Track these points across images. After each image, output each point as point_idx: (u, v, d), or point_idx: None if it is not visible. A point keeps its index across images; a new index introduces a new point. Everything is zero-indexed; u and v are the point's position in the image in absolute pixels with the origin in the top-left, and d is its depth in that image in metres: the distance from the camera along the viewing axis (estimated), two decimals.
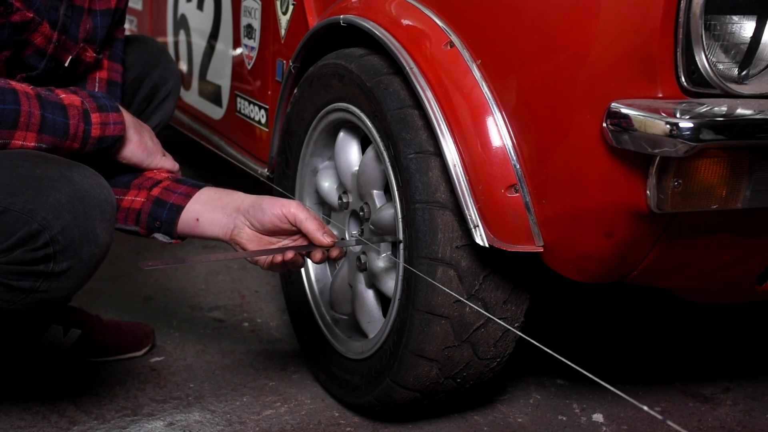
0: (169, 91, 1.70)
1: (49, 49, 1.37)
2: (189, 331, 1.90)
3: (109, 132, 1.36)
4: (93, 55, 1.47)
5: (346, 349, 1.58)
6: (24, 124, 1.26)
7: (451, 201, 1.34)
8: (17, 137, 1.26)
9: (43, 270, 1.21)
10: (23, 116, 1.25)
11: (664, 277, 1.35)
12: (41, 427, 1.49)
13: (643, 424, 1.60)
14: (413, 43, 1.39)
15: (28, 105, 1.26)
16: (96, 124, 1.34)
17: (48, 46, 1.37)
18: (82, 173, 1.24)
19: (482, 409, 1.63)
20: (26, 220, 1.18)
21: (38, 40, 1.35)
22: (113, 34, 1.54)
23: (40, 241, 1.19)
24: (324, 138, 1.65)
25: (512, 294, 1.41)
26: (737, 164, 1.16)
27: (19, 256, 1.19)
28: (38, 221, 1.18)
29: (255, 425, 1.53)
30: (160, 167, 1.46)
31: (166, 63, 1.70)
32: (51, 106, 1.29)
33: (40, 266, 1.21)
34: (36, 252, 1.19)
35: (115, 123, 1.36)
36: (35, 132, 1.27)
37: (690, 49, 1.12)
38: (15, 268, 1.20)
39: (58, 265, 1.21)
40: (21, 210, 1.18)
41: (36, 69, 1.38)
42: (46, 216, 1.19)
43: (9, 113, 1.24)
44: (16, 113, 1.25)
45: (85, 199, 1.22)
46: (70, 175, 1.22)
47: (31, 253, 1.19)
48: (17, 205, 1.18)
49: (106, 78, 1.52)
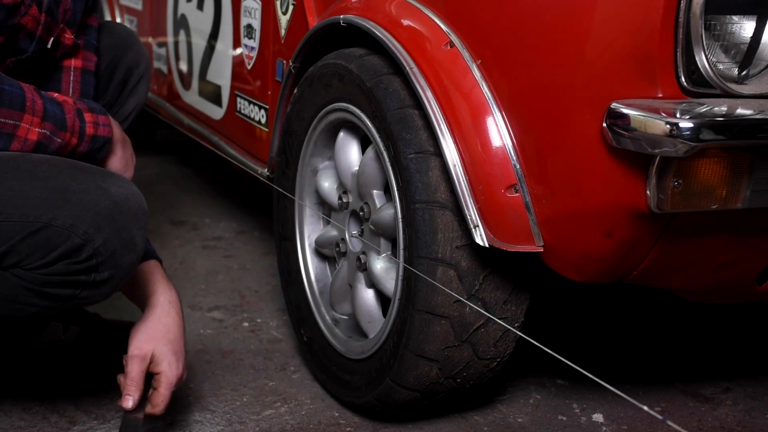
0: (142, 74, 1.72)
1: (38, 32, 1.39)
2: (189, 331, 1.90)
3: (100, 132, 1.39)
4: (71, 38, 1.48)
5: (346, 349, 1.58)
6: (30, 109, 1.29)
7: (451, 201, 1.34)
8: (26, 120, 1.29)
9: (85, 279, 1.26)
10: (28, 101, 1.29)
11: (664, 277, 1.35)
12: (41, 427, 1.49)
13: (643, 424, 1.60)
14: (413, 43, 1.39)
15: (30, 93, 1.31)
16: (89, 123, 1.38)
17: (37, 28, 1.39)
18: (116, 183, 1.28)
19: (482, 409, 1.63)
20: (68, 234, 1.22)
21: (29, 23, 1.36)
22: (86, 21, 1.55)
23: (83, 254, 1.23)
24: (324, 138, 1.65)
25: (512, 294, 1.41)
26: (737, 164, 1.16)
27: (61, 268, 1.24)
28: (80, 235, 1.22)
29: (255, 425, 1.53)
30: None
31: (136, 46, 1.72)
32: (49, 99, 1.34)
33: (81, 276, 1.25)
34: (79, 264, 1.24)
35: (104, 125, 1.40)
36: (39, 118, 1.31)
37: (690, 49, 1.12)
38: (57, 279, 1.24)
39: (100, 274, 1.26)
40: (62, 225, 1.22)
41: (26, 52, 1.40)
42: (88, 230, 1.22)
43: (17, 96, 1.28)
44: (23, 97, 1.29)
45: (123, 210, 1.26)
46: (105, 187, 1.26)
47: (74, 265, 1.24)
48: (59, 220, 1.22)
49: (80, 67, 1.53)
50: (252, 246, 2.46)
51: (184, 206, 2.79)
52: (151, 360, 1.38)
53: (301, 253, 1.74)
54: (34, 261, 1.23)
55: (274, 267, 2.24)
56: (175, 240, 2.46)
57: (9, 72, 1.40)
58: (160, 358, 1.38)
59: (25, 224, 1.21)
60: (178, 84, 2.49)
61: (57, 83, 1.50)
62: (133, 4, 2.85)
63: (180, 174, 3.19)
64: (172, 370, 1.38)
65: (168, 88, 2.59)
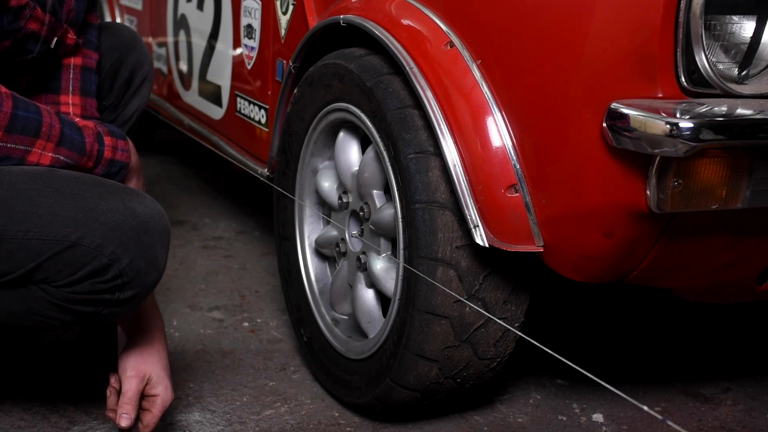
0: (145, 75, 1.73)
1: (43, 32, 1.39)
2: (189, 331, 1.90)
3: (118, 156, 1.41)
4: (74, 37, 1.48)
5: (346, 349, 1.58)
6: (45, 134, 1.30)
7: (451, 201, 1.34)
8: (38, 146, 1.30)
9: (109, 298, 1.27)
10: (45, 126, 1.30)
11: (664, 277, 1.35)
12: (41, 427, 1.49)
13: (643, 424, 1.60)
14: (413, 43, 1.39)
15: (49, 118, 1.32)
16: (108, 146, 1.40)
17: (42, 29, 1.39)
18: (142, 202, 1.29)
19: (482, 409, 1.63)
20: (95, 254, 1.23)
21: (34, 25, 1.37)
22: (87, 19, 1.55)
23: (109, 274, 1.24)
24: (324, 138, 1.65)
25: (512, 294, 1.41)
26: (737, 164, 1.16)
27: (87, 286, 1.25)
28: (107, 255, 1.23)
29: (255, 425, 1.53)
30: None
31: (139, 47, 1.72)
32: (69, 124, 1.35)
33: (106, 295, 1.26)
34: (105, 284, 1.25)
35: (122, 150, 1.42)
36: (54, 143, 1.32)
37: (690, 49, 1.12)
38: (81, 297, 1.26)
39: (124, 293, 1.27)
40: (90, 244, 1.23)
41: (32, 53, 1.40)
42: (115, 250, 1.23)
43: (32, 121, 1.29)
44: (39, 123, 1.30)
45: (149, 230, 1.27)
46: (132, 207, 1.27)
47: (100, 284, 1.25)
48: (86, 239, 1.23)
49: (80, 64, 1.53)
50: (252, 246, 2.46)
51: (184, 206, 2.79)
52: (147, 382, 1.39)
53: (301, 253, 1.74)
54: (61, 278, 1.24)
55: (274, 267, 2.24)
56: (175, 240, 2.46)
57: (12, 71, 1.40)
58: (157, 382, 1.39)
59: (54, 242, 1.22)
60: (178, 84, 2.49)
61: (57, 81, 1.49)
62: (133, 4, 2.85)
63: (180, 174, 3.19)
64: (168, 394, 1.40)
65: (168, 88, 2.59)
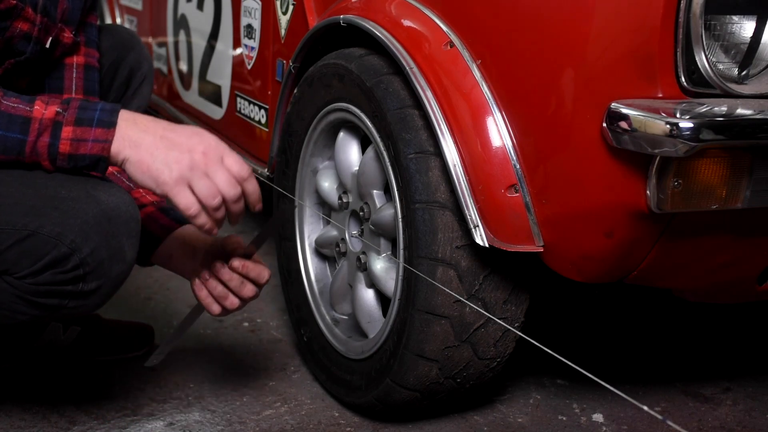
0: (145, 75, 1.70)
1: (34, 32, 1.38)
2: (189, 331, 1.89)
3: (83, 150, 1.19)
4: (70, 36, 1.47)
5: (346, 349, 1.58)
6: None
7: (451, 201, 1.34)
8: None
9: (72, 290, 1.22)
10: None
11: (664, 277, 1.35)
12: (41, 427, 1.49)
13: (643, 424, 1.60)
14: (413, 43, 1.39)
15: None
16: (65, 139, 1.19)
17: (33, 29, 1.37)
18: (108, 191, 1.23)
19: (482, 409, 1.63)
20: (55, 243, 1.18)
21: (24, 25, 1.35)
22: (86, 19, 1.55)
23: (69, 263, 1.19)
24: (324, 138, 1.65)
25: (512, 294, 1.41)
26: (737, 164, 1.16)
27: (48, 277, 1.20)
28: (67, 244, 1.18)
29: (255, 425, 1.53)
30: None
31: (138, 47, 1.71)
32: (8, 119, 1.18)
33: (68, 287, 1.21)
34: (65, 274, 1.20)
35: (94, 140, 1.19)
36: None
37: (690, 49, 1.12)
38: (44, 288, 1.21)
39: (88, 285, 1.22)
40: (49, 233, 1.18)
41: (24, 53, 1.39)
42: (75, 239, 1.18)
43: None
44: None
45: (112, 218, 1.21)
46: (95, 195, 1.21)
47: (61, 275, 1.20)
48: (45, 228, 1.18)
49: (83, 63, 1.52)
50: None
51: None
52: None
53: (301, 253, 1.74)
54: (21, 269, 1.19)
55: (274, 267, 2.24)
56: None
57: (8, 73, 1.39)
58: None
59: (13, 231, 1.18)
60: (178, 84, 2.49)
61: (60, 81, 1.49)
62: (133, 4, 2.85)
63: None
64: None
65: (168, 88, 2.59)
